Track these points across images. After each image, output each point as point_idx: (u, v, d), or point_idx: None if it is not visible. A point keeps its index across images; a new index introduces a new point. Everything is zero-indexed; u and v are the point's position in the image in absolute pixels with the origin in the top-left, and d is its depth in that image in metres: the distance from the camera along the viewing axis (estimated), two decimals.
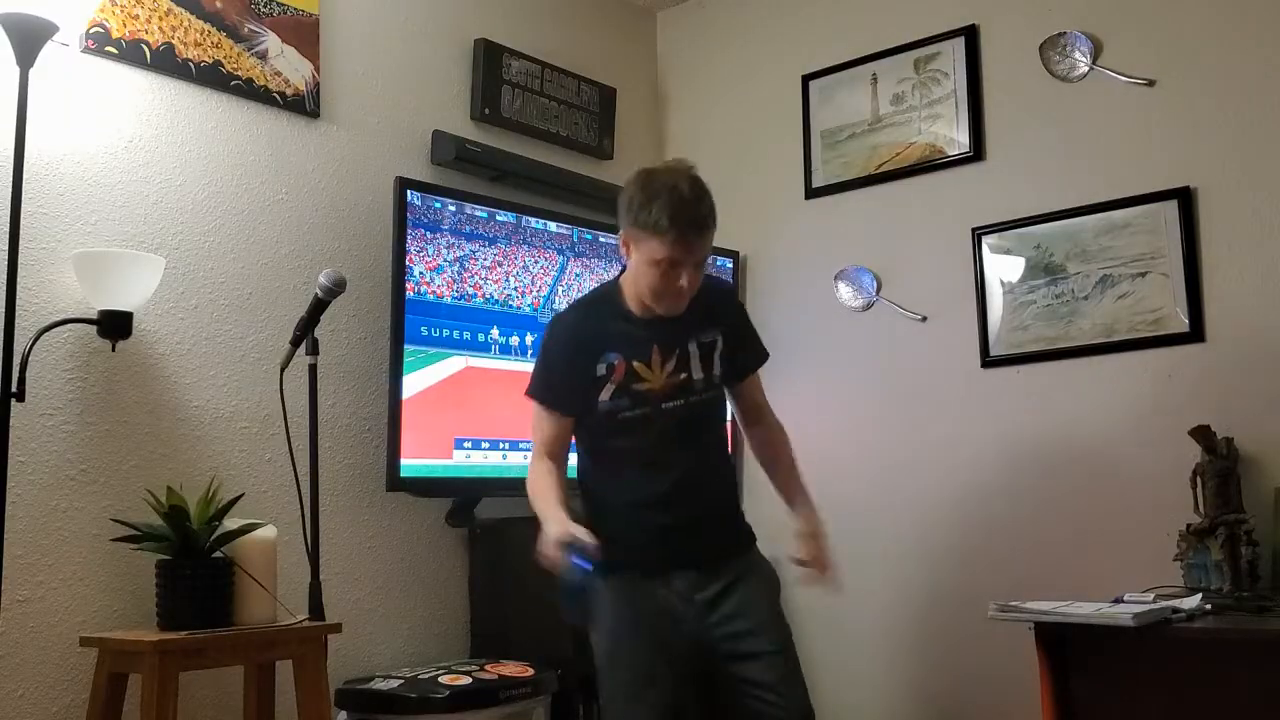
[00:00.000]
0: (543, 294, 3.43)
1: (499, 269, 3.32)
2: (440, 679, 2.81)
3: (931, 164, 3.57)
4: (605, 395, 2.37)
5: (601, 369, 2.37)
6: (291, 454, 2.69)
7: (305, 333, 2.71)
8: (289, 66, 3.06)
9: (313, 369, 2.71)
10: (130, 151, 2.73)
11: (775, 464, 2.57)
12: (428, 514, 3.26)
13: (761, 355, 2.58)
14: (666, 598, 2.36)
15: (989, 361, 3.40)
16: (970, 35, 3.53)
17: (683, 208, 2.23)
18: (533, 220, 3.44)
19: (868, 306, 3.66)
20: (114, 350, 2.59)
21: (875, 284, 3.64)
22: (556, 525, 2.19)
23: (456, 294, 3.22)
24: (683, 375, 2.38)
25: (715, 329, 2.44)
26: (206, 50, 2.88)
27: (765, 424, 2.58)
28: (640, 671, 2.32)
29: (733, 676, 2.36)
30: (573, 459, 2.52)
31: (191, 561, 2.43)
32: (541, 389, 2.44)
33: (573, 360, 2.39)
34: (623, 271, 2.43)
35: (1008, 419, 3.34)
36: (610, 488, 2.44)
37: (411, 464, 3.06)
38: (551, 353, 2.44)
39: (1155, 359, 3.12)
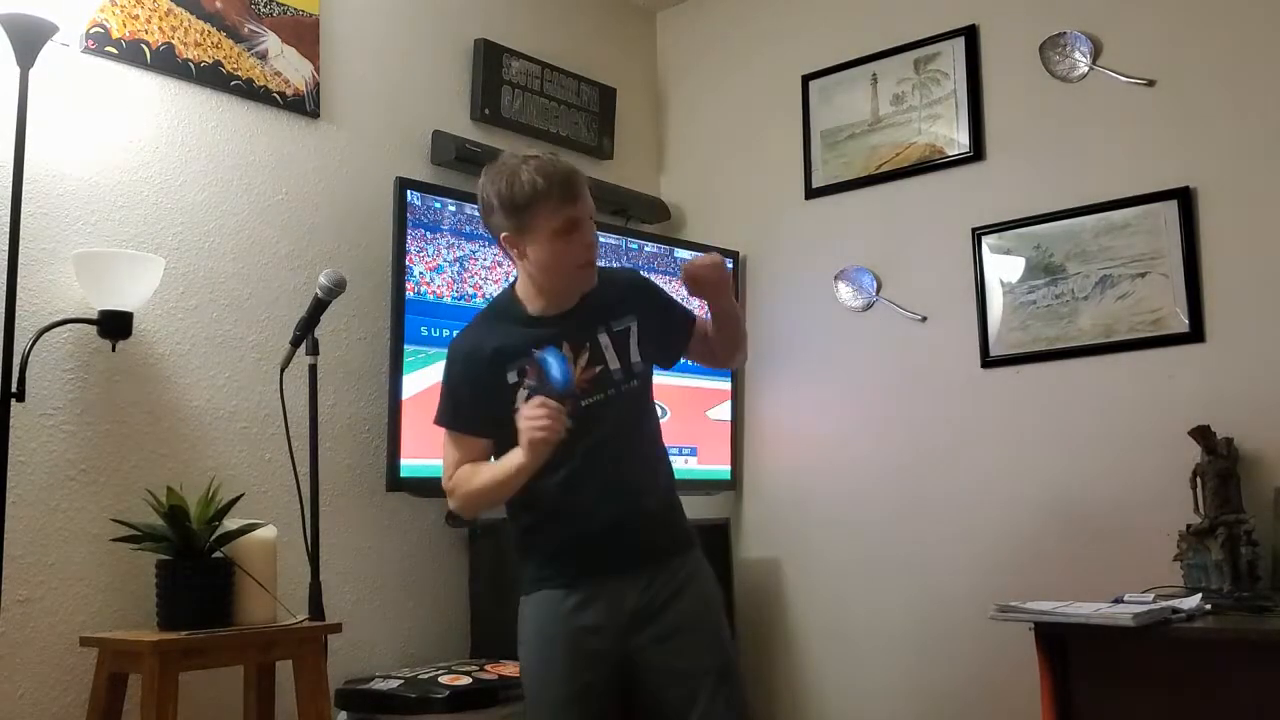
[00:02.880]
0: None
1: (499, 269, 3.32)
2: (440, 679, 2.80)
3: (931, 164, 3.57)
4: (521, 401, 2.17)
5: (513, 376, 2.21)
6: (291, 454, 2.69)
7: (305, 333, 2.71)
8: (289, 67, 3.06)
9: (313, 369, 2.72)
10: (130, 151, 2.74)
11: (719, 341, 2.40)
12: (428, 514, 3.26)
13: (687, 316, 2.40)
14: (595, 612, 2.21)
15: (989, 361, 3.40)
16: (970, 35, 3.53)
17: (547, 168, 2.14)
18: None
19: (868, 306, 3.66)
20: (114, 350, 2.59)
21: (875, 284, 3.64)
22: (523, 445, 2.07)
23: (456, 294, 3.22)
24: (598, 368, 2.23)
25: (628, 316, 2.27)
26: (206, 50, 2.88)
27: (712, 344, 2.40)
28: (566, 691, 2.21)
29: (659, 700, 2.23)
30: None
31: (191, 561, 2.43)
32: (448, 414, 2.27)
33: (478, 376, 2.23)
34: (513, 284, 2.32)
35: (1008, 419, 3.34)
36: (538, 501, 2.23)
37: (411, 464, 3.06)
38: (454, 374, 2.28)
39: (1155, 359, 3.12)
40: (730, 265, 3.87)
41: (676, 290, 2.55)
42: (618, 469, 2.24)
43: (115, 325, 2.54)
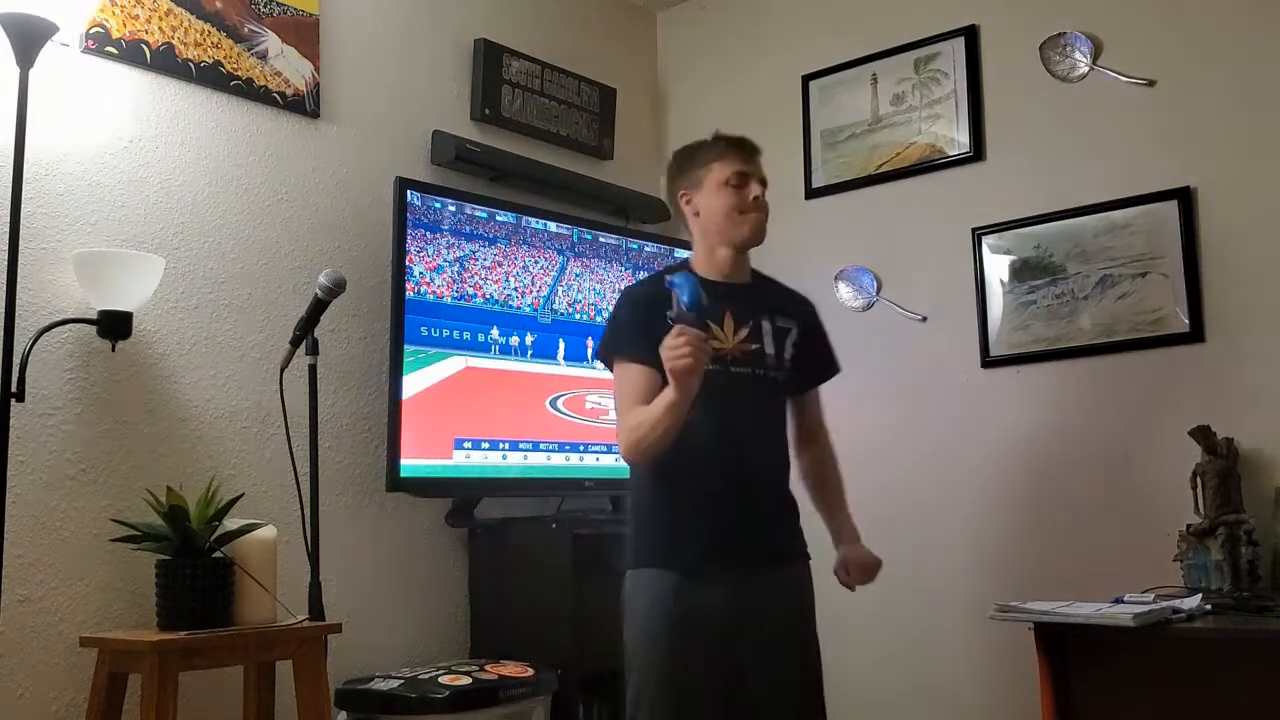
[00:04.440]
0: (542, 294, 3.43)
1: (499, 269, 3.32)
2: (440, 679, 2.81)
3: (931, 164, 3.57)
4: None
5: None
6: (291, 454, 2.69)
7: (305, 333, 2.71)
8: (289, 66, 3.06)
9: (313, 369, 2.71)
10: (130, 151, 2.73)
11: (824, 487, 2.52)
12: (428, 514, 3.26)
13: (833, 366, 2.53)
14: (709, 601, 2.24)
15: (989, 361, 3.40)
16: (970, 35, 3.53)
17: (725, 136, 2.40)
18: (532, 220, 3.44)
19: (868, 306, 3.66)
20: (114, 350, 2.59)
21: (875, 284, 3.64)
22: (670, 378, 2.10)
23: (456, 294, 3.22)
24: (755, 346, 2.34)
25: (793, 321, 2.43)
26: (206, 50, 2.88)
27: (821, 444, 2.54)
28: (665, 681, 2.23)
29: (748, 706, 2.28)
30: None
31: (191, 561, 2.43)
32: (613, 343, 2.35)
33: (641, 316, 2.29)
34: (687, 259, 2.47)
35: (1008, 419, 3.34)
36: (668, 470, 2.27)
37: (411, 464, 3.06)
38: (620, 314, 2.39)
39: (1155, 359, 3.12)
40: None
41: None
42: (753, 451, 2.33)
43: (115, 325, 2.54)
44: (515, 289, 3.36)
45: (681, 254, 3.78)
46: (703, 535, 2.27)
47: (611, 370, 2.37)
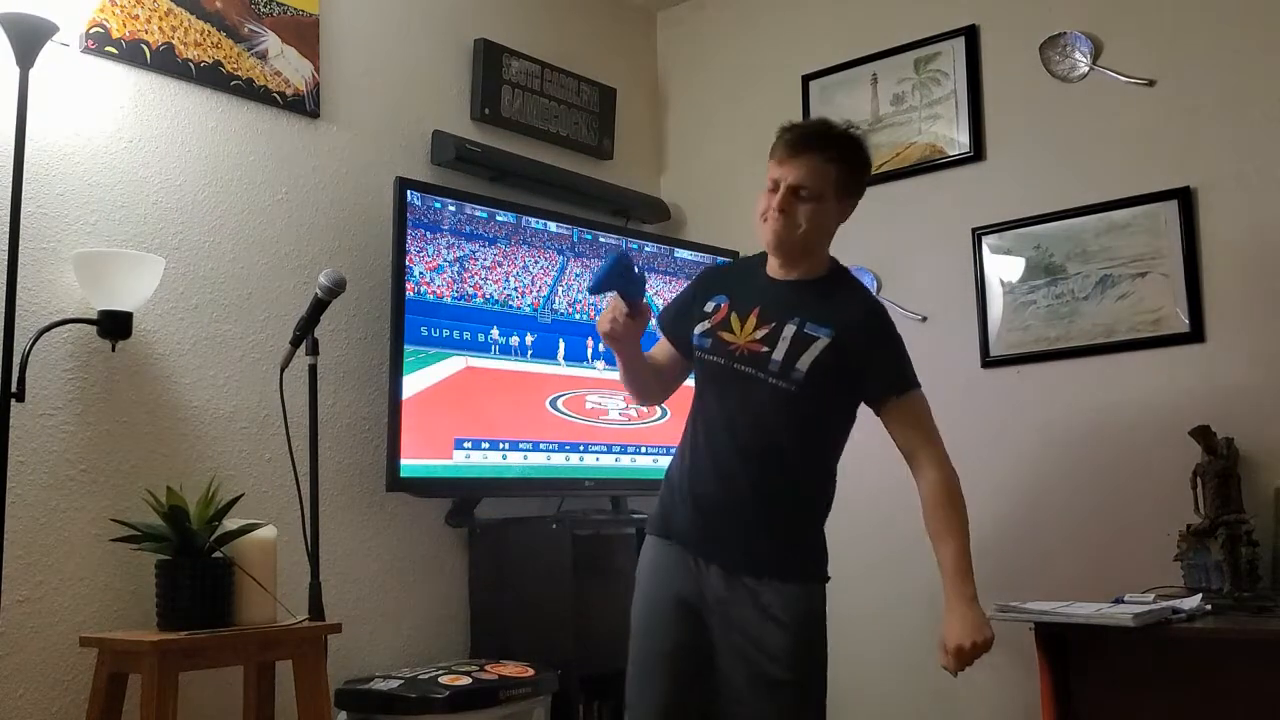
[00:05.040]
0: (542, 294, 3.43)
1: (499, 269, 3.32)
2: (440, 679, 2.81)
3: (931, 164, 3.57)
4: (698, 330, 2.33)
5: (710, 305, 2.35)
6: (291, 454, 2.69)
7: (305, 333, 2.71)
8: (289, 66, 3.06)
9: (313, 369, 2.72)
10: (130, 151, 2.73)
11: (930, 529, 2.24)
12: (428, 514, 3.26)
13: (895, 383, 2.26)
14: (699, 585, 2.22)
15: (989, 361, 3.40)
16: (970, 35, 3.53)
17: (790, 127, 2.30)
18: (533, 220, 3.44)
19: None
20: (114, 350, 2.59)
21: (875, 284, 3.64)
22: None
23: (456, 294, 3.22)
24: (764, 349, 2.23)
25: (826, 328, 2.21)
26: (206, 50, 2.88)
27: (921, 474, 2.27)
28: (649, 656, 2.25)
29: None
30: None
31: (191, 561, 2.43)
32: (663, 309, 2.52)
33: (695, 291, 2.42)
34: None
35: (1008, 419, 3.34)
36: (688, 447, 2.33)
37: (411, 464, 3.06)
38: (690, 285, 2.49)
39: (1155, 359, 3.11)
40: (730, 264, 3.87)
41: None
42: (737, 451, 2.24)
43: (115, 325, 2.54)
44: (515, 289, 3.36)
45: (681, 254, 3.79)
46: (686, 520, 2.28)
47: None
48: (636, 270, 2.22)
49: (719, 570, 2.22)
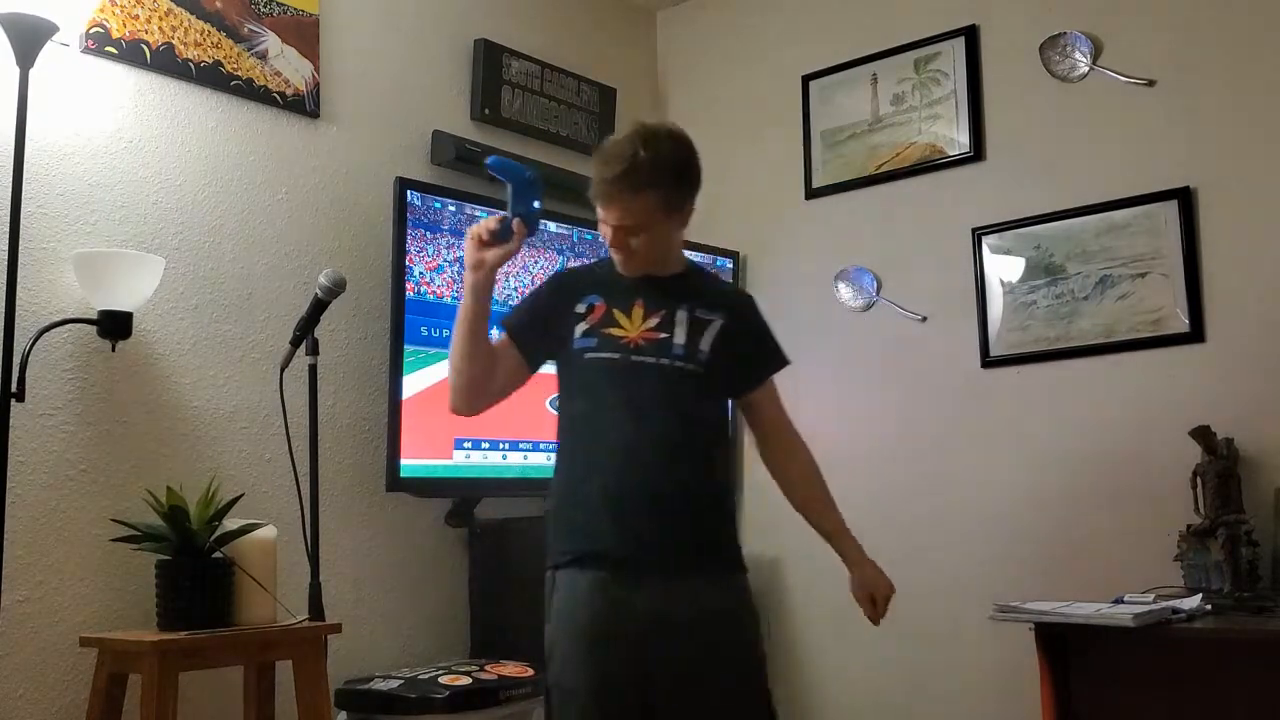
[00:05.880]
0: None
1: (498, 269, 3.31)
2: (440, 679, 2.81)
3: (931, 164, 3.57)
4: (579, 333, 2.22)
5: (581, 308, 2.24)
6: (291, 454, 2.69)
7: (305, 333, 2.71)
8: (289, 66, 3.06)
9: (313, 369, 2.72)
10: (130, 151, 2.73)
11: (792, 491, 2.36)
12: (428, 514, 3.26)
13: (778, 359, 2.37)
14: (631, 611, 2.10)
15: (989, 361, 3.40)
16: (970, 35, 3.53)
17: (602, 163, 2.19)
18: None
19: (868, 306, 3.66)
20: (114, 350, 2.59)
21: (875, 284, 3.64)
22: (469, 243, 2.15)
23: (456, 294, 3.21)
24: (663, 335, 2.20)
25: (717, 313, 2.26)
26: (206, 50, 2.88)
27: (784, 448, 2.36)
28: (585, 702, 2.09)
29: None
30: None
31: (191, 561, 2.43)
32: (510, 313, 2.36)
33: (553, 297, 2.29)
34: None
35: (1007, 419, 3.34)
36: (577, 462, 2.20)
37: (411, 464, 3.06)
38: (537, 289, 2.36)
39: (1155, 359, 3.12)
40: (730, 264, 3.88)
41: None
42: (651, 441, 2.16)
43: (115, 325, 2.54)
44: (515, 289, 3.36)
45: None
46: (604, 535, 2.13)
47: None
48: (538, 205, 2.11)
49: (657, 578, 2.12)
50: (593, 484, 2.16)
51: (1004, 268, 3.40)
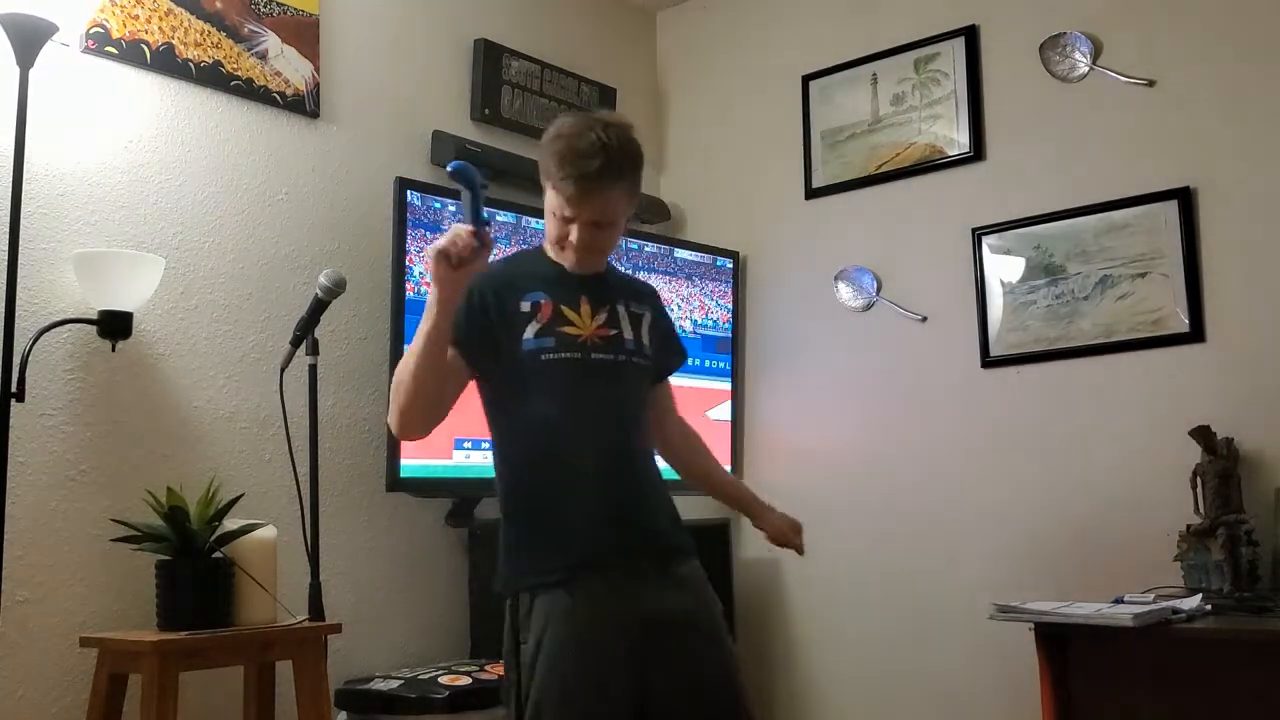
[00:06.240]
0: None
1: None
2: (440, 679, 2.80)
3: (931, 164, 3.57)
4: (530, 334, 2.10)
5: (526, 306, 2.12)
6: (291, 454, 2.69)
7: (305, 333, 2.71)
8: (289, 66, 3.06)
9: (313, 369, 2.72)
10: (130, 151, 2.74)
11: (710, 466, 2.45)
12: (428, 514, 3.26)
13: (683, 354, 2.42)
14: (635, 615, 2.04)
15: (989, 362, 3.40)
16: (970, 35, 3.53)
17: (574, 159, 2.06)
18: (533, 220, 3.44)
19: (868, 306, 3.66)
20: (114, 350, 2.59)
21: (875, 284, 3.64)
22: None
23: None
24: (613, 331, 2.17)
25: (645, 307, 2.28)
26: (206, 50, 2.88)
27: (680, 427, 2.41)
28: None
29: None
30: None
31: (191, 561, 2.43)
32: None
33: (490, 299, 2.11)
34: (540, 245, 2.28)
35: (1007, 419, 3.34)
36: (550, 472, 2.11)
37: (411, 464, 3.06)
38: (471, 291, 2.08)
39: (1155, 359, 3.12)
40: (730, 264, 3.87)
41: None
42: (623, 438, 2.15)
43: (115, 325, 2.54)
44: None
45: (681, 254, 3.78)
46: (604, 543, 2.07)
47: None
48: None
49: (655, 578, 2.10)
50: (579, 492, 2.09)
51: (1004, 268, 3.40)
